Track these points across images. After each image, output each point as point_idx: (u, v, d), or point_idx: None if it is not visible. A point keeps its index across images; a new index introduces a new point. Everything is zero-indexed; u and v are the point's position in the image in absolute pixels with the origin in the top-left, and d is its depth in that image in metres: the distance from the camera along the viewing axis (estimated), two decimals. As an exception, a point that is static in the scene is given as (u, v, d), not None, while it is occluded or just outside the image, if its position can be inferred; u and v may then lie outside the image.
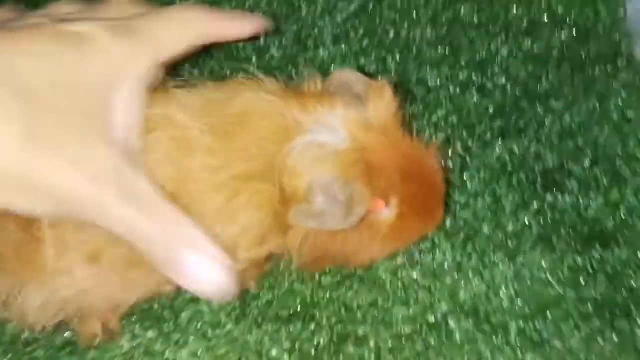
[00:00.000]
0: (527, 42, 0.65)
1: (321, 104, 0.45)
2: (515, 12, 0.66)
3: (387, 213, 0.47)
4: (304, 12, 0.70)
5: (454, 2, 0.68)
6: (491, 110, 0.60)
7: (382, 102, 0.47)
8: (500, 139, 0.58)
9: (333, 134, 0.45)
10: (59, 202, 0.37)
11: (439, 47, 0.66)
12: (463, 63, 0.64)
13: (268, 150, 0.44)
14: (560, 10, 0.66)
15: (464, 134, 0.59)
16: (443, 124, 0.60)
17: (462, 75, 0.63)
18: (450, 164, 0.57)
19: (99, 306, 0.46)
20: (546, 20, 0.66)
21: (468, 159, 0.57)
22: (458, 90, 0.62)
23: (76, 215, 0.38)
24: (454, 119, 0.60)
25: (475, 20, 0.67)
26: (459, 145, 0.58)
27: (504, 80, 0.62)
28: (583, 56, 0.63)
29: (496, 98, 0.61)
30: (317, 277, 0.51)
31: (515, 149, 0.57)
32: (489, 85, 0.62)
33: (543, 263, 0.50)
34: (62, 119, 0.37)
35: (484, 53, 0.65)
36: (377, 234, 0.48)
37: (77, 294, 0.44)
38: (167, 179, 0.42)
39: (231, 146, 0.44)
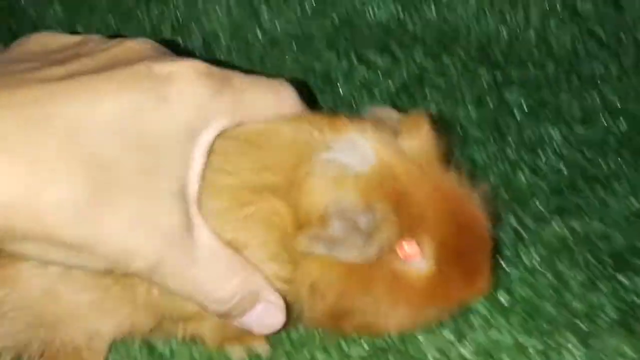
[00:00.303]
0: (581, 129, 0.60)
1: (351, 124, 0.40)
2: (565, 98, 0.63)
3: (419, 262, 0.39)
4: (341, 88, 0.66)
5: (500, 86, 0.64)
6: (546, 189, 0.54)
7: (418, 134, 0.41)
8: (557, 216, 0.51)
9: (359, 155, 0.39)
10: (117, 264, 0.34)
11: (485, 128, 0.61)
12: (512, 143, 0.59)
13: (288, 164, 0.38)
14: (614, 99, 0.62)
15: (517, 209, 0.52)
16: (493, 199, 0.54)
17: (512, 155, 0.58)
18: (504, 237, 0.49)
19: (68, 326, 0.37)
20: (600, 109, 0.61)
21: (523, 233, 0.50)
22: (508, 167, 0.57)
23: (136, 275, 0.35)
24: (504, 194, 0.54)
25: (523, 104, 0.63)
26: (512, 219, 0.51)
27: (557, 162, 0.57)
28: (644, 144, 0.58)
29: (550, 178, 0.56)
30: (344, 345, 0.42)
31: (576, 227, 0.50)
32: (542, 165, 0.57)
33: (626, 350, 0.41)
34: (129, 175, 0.33)
35: (534, 136, 0.60)
36: (406, 289, 0.39)
37: (45, 297, 0.37)
38: None
39: (250, 154, 0.38)
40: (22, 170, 0.31)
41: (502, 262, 0.47)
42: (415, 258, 0.39)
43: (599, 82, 0.63)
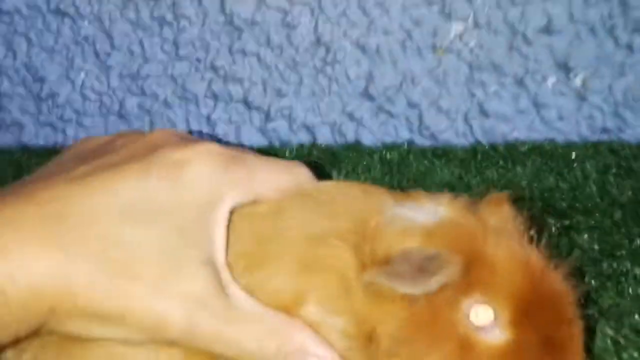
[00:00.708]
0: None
1: (424, 193, 0.42)
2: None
3: (493, 331, 0.37)
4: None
5: (569, 231, 0.66)
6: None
7: (498, 209, 0.42)
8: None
9: (429, 211, 0.40)
10: (153, 333, 0.37)
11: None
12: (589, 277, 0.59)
13: (358, 214, 0.40)
14: (689, 238, 0.62)
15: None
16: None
17: (595, 283, 0.57)
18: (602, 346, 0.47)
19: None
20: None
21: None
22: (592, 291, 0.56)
23: (177, 343, 0.38)
24: (595, 312, 0.53)
25: (596, 246, 0.63)
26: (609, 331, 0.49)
27: (643, 289, 0.56)
28: None
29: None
30: None
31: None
32: (627, 292, 0.56)
33: None
34: (149, 250, 0.37)
35: (611, 269, 0.60)
36: (477, 358, 0.37)
37: None
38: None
39: (316, 208, 0.41)
40: (50, 258, 0.35)
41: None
42: (489, 325, 0.37)
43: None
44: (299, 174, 0.43)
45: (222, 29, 0.87)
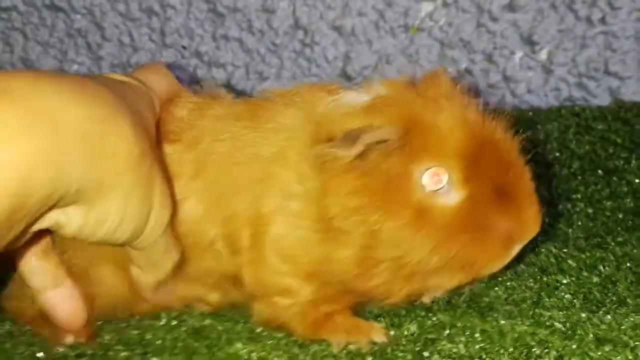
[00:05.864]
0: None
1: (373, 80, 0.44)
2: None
3: (449, 193, 0.38)
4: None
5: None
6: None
7: (436, 82, 0.43)
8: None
9: (370, 94, 0.41)
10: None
11: None
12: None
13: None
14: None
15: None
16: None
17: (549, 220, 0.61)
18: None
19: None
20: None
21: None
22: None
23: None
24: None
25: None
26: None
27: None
28: None
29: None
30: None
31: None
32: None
33: None
34: None
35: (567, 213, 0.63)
36: (435, 220, 0.38)
37: None
38: None
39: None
40: None
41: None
42: (444, 187, 0.39)
43: (620, 170, 0.68)
44: (165, 74, 0.48)
45: (206, 17, 0.92)
